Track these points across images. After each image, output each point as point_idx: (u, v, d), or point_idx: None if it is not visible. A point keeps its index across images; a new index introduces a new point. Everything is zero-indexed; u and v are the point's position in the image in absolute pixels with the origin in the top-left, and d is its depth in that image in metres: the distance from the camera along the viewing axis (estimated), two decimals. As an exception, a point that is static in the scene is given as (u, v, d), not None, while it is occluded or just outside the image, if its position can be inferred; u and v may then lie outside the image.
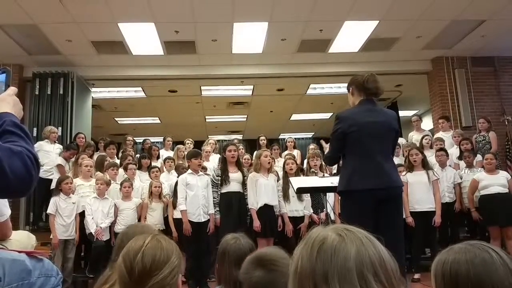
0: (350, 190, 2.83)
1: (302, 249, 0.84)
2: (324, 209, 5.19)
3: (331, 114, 11.13)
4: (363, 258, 0.78)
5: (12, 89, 1.33)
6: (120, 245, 1.57)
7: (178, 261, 1.22)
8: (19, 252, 1.49)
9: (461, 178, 5.76)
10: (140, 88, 9.15)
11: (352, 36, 7.14)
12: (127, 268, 1.17)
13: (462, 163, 6.07)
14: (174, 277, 1.19)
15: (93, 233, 5.09)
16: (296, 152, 7.36)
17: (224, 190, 5.00)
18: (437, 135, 7.02)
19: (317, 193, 5.07)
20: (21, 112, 1.29)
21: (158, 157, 7.14)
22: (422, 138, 6.78)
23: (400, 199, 2.96)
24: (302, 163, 6.72)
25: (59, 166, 6.19)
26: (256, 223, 4.75)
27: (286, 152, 7.33)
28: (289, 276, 0.86)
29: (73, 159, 6.24)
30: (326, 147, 3.19)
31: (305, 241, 0.85)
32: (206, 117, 11.67)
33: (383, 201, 2.77)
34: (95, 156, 6.50)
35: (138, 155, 6.90)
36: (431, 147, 6.56)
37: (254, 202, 4.86)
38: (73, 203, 5.18)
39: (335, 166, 4.74)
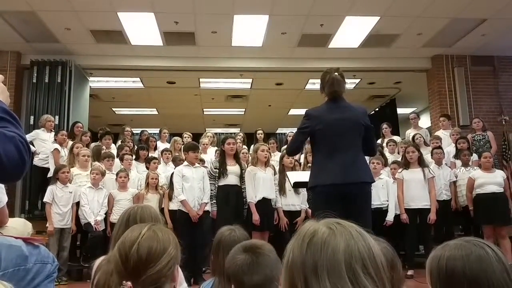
0: (316, 185, 2.93)
1: (294, 242, 0.86)
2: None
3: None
4: (352, 251, 0.79)
5: (0, 77, 1.34)
6: (126, 223, 1.63)
7: (175, 252, 1.21)
8: (16, 238, 1.49)
9: (456, 177, 5.78)
10: (138, 79, 9.11)
11: (352, 31, 7.12)
12: (122, 259, 1.17)
13: (459, 162, 6.08)
14: (170, 268, 1.19)
15: (92, 224, 5.10)
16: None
17: (222, 183, 5.00)
18: (437, 133, 7.03)
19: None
20: (8, 100, 1.30)
21: (155, 149, 7.14)
22: (414, 136, 6.79)
23: (368, 195, 2.99)
24: (299, 157, 6.72)
25: (55, 151, 6.06)
26: (256, 217, 4.76)
27: (285, 147, 7.31)
28: (282, 268, 0.87)
29: (68, 145, 6.19)
30: None
31: (297, 234, 0.87)
32: (204, 109, 11.65)
33: (349, 197, 2.83)
34: (91, 146, 6.48)
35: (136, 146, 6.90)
36: (426, 145, 6.57)
37: (253, 195, 4.86)
38: (69, 192, 5.18)
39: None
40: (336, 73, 3.03)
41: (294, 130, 9.88)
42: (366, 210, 2.98)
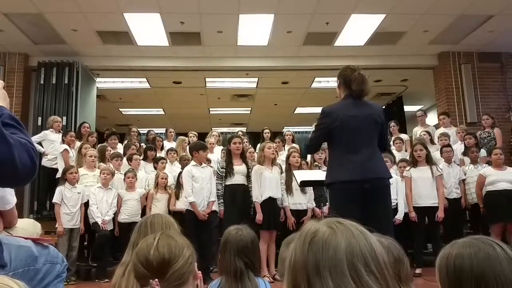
0: (335, 182, 2.91)
1: (296, 242, 0.86)
2: (327, 203, 5.20)
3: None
4: (354, 250, 0.80)
5: (1, 83, 1.35)
6: (139, 229, 1.66)
7: (191, 251, 1.25)
8: (26, 239, 1.51)
9: (465, 174, 5.73)
10: (144, 79, 9.15)
11: (358, 29, 7.10)
12: (143, 263, 1.19)
13: (467, 159, 6.02)
14: (191, 264, 1.22)
15: (99, 223, 5.13)
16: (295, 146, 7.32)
17: (229, 182, 5.01)
18: (438, 131, 6.99)
19: (320, 187, 5.08)
20: (9, 106, 1.32)
21: (162, 148, 7.17)
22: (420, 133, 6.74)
23: (387, 190, 2.97)
24: (300, 157, 6.69)
25: (64, 152, 6.10)
26: (259, 217, 4.76)
27: (290, 146, 7.29)
28: (285, 269, 0.87)
29: (75, 146, 6.23)
30: None
31: (299, 235, 0.87)
32: (210, 109, 11.67)
33: (369, 193, 2.81)
34: (97, 146, 6.51)
35: (143, 145, 6.92)
36: (432, 143, 6.53)
37: (259, 195, 4.86)
38: (78, 192, 5.21)
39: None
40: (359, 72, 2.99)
41: (298, 129, 9.90)
42: (386, 205, 2.98)
